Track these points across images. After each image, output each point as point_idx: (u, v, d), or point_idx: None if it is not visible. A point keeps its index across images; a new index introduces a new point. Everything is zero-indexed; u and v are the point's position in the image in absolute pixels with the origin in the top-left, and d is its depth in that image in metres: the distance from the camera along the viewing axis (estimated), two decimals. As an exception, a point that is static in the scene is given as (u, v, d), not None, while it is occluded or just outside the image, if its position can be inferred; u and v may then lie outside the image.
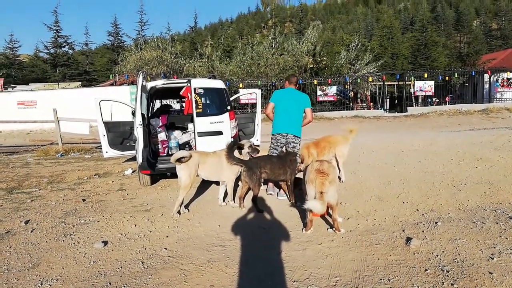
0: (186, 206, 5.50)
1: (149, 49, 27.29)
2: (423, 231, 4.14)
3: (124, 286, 3.25)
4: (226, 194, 5.67)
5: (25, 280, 3.40)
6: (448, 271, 3.20)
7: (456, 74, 25.34)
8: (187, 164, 5.12)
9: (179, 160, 5.05)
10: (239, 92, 19.66)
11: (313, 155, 6.20)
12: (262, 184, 5.49)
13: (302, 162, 5.95)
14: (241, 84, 23.40)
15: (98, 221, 4.97)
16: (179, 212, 5.20)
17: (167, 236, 4.44)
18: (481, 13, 74.32)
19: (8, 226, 4.86)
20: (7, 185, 7.39)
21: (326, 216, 4.73)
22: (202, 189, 6.60)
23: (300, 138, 5.97)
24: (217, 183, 5.95)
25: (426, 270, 3.26)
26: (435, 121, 18.67)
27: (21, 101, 23.75)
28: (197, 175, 5.37)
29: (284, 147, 6.00)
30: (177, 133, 7.85)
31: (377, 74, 25.18)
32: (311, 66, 25.77)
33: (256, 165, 5.34)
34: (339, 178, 6.45)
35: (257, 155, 5.73)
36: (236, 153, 5.48)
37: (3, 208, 5.75)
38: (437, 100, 26.43)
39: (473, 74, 25.57)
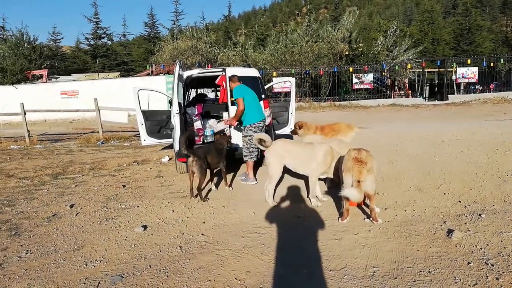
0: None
1: (184, 39, 27.65)
2: (465, 223, 3.98)
3: (164, 269, 3.35)
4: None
5: (71, 261, 3.59)
6: (492, 265, 3.07)
7: (502, 60, 23.91)
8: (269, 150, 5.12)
9: (261, 143, 5.11)
10: (272, 81, 19.62)
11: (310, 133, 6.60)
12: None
13: (300, 128, 6.58)
14: (274, 73, 23.25)
15: (138, 206, 5.14)
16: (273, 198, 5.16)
17: (204, 222, 4.53)
18: (531, -6, 69.37)
19: (54, 210, 5.15)
20: (53, 171, 7.79)
21: (363, 206, 4.65)
22: (234, 176, 6.66)
23: None
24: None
25: (469, 263, 3.14)
26: (478, 109, 17.76)
27: (64, 91, 24.68)
28: (284, 165, 5.16)
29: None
30: (212, 122, 7.94)
31: (416, 60, 24.24)
32: (347, 53, 25.15)
33: (203, 154, 5.42)
34: None
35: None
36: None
37: (50, 193, 6.07)
38: (481, 88, 25.06)
39: (521, 60, 24.05)
